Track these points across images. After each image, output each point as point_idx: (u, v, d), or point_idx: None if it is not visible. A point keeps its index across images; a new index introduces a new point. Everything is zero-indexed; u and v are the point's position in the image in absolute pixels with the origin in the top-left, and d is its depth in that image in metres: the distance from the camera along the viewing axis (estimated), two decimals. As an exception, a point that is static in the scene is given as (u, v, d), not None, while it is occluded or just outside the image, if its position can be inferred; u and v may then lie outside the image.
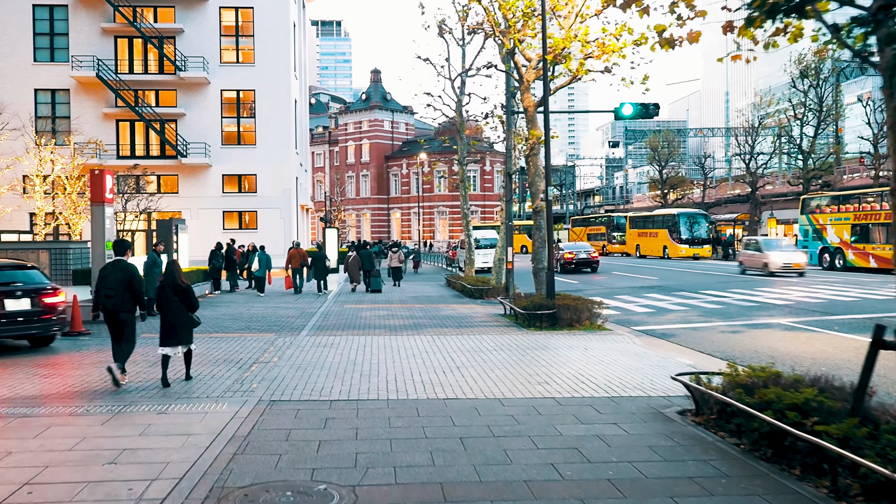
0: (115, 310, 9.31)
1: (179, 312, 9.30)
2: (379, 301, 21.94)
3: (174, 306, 9.28)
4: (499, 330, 14.92)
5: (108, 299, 9.30)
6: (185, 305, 9.34)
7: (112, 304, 9.29)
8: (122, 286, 9.27)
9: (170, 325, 9.30)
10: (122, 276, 9.31)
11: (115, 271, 9.38)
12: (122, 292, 9.27)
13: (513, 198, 23.41)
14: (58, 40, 41.22)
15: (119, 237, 11.94)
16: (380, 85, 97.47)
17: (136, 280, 9.39)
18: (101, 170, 15.90)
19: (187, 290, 9.38)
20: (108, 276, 9.38)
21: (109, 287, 9.30)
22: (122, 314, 9.32)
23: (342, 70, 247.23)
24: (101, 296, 9.36)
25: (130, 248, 9.79)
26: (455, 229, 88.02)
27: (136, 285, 9.38)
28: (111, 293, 9.28)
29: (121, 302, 9.28)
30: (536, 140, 17.12)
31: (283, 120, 42.56)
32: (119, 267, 9.41)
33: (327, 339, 13.41)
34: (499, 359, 11.33)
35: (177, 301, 9.28)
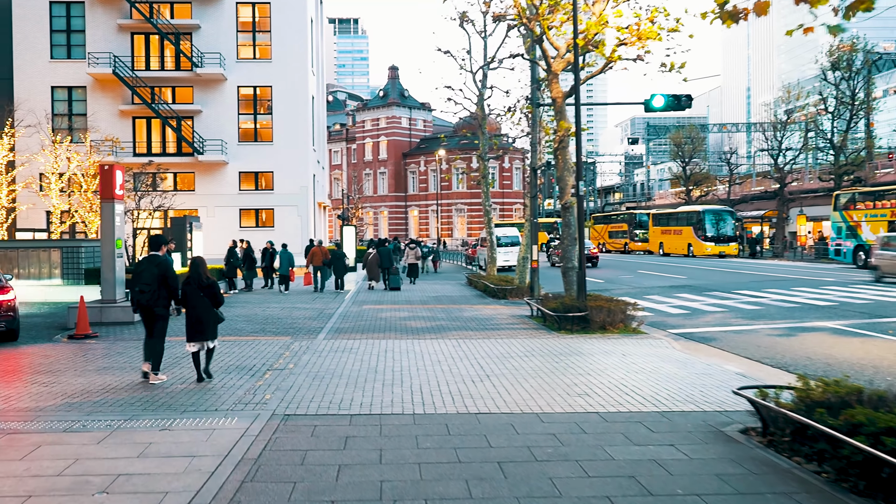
0: (149, 305, 9.35)
1: (205, 308, 9.30)
2: (399, 301, 21.16)
3: (200, 302, 9.28)
4: (527, 333, 14.08)
5: (142, 294, 9.33)
6: (210, 301, 9.33)
7: (146, 299, 9.33)
8: (156, 281, 9.32)
9: (196, 322, 9.28)
10: (157, 272, 9.35)
11: (150, 266, 9.41)
12: (157, 288, 9.32)
13: (537, 194, 22.54)
14: (74, 37, 40.80)
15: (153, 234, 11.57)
16: (397, 82, 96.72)
17: (170, 275, 9.43)
18: (110, 165, 15.22)
19: (213, 286, 9.41)
20: (142, 272, 9.43)
21: (144, 282, 9.35)
22: (156, 309, 9.37)
23: (359, 68, 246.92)
24: (135, 291, 9.40)
25: (166, 243, 9.83)
26: (474, 227, 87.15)
27: (170, 280, 9.41)
28: (145, 288, 9.33)
29: (155, 297, 9.33)
30: (566, 132, 16.26)
31: (300, 116, 41.91)
32: (153, 262, 9.43)
33: (346, 344, 12.63)
34: (531, 366, 10.49)
35: (202, 297, 9.29)
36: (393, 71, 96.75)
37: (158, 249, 9.65)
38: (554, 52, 17.09)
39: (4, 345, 12.72)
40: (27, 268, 20.93)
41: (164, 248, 9.75)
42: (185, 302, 9.41)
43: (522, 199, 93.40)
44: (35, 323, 15.95)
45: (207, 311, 9.32)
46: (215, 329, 9.48)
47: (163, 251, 9.70)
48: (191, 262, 9.57)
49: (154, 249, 9.66)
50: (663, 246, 54.75)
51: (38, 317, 17.25)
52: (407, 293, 24.08)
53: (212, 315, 9.36)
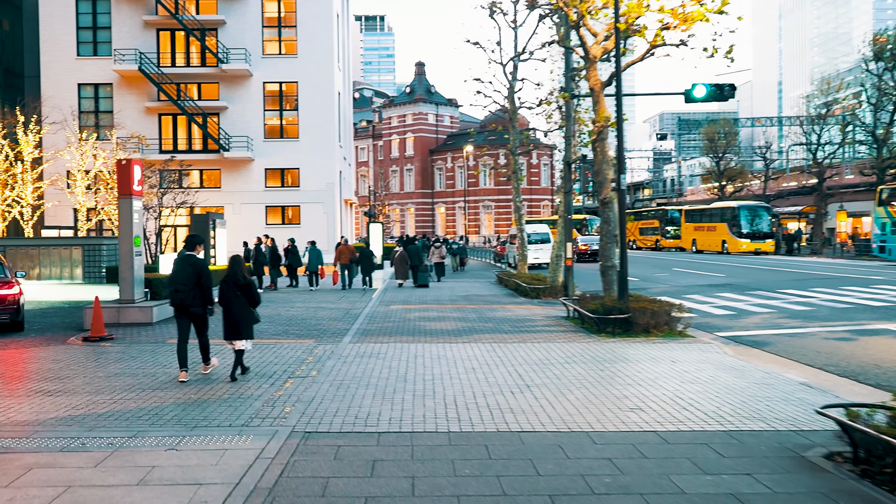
0: (184, 304, 9.33)
1: (242, 307, 9.28)
2: (428, 301, 20.36)
3: (236, 301, 9.28)
4: (565, 336, 13.21)
5: (178, 293, 9.32)
6: (246, 300, 9.32)
7: (181, 298, 9.31)
8: (191, 281, 9.27)
9: (233, 320, 9.25)
10: (192, 271, 9.30)
11: (185, 266, 9.37)
12: (192, 287, 9.27)
13: (572, 189, 21.63)
14: (101, 34, 40.56)
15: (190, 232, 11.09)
16: (424, 78, 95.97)
17: (204, 275, 9.36)
18: (127, 160, 14.59)
19: (249, 284, 9.38)
20: (178, 271, 9.40)
21: (179, 282, 9.32)
22: (192, 308, 9.34)
23: (385, 65, 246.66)
24: (171, 290, 9.40)
25: (201, 243, 9.80)
26: (501, 224, 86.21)
27: (204, 280, 9.34)
28: (181, 288, 9.30)
29: (191, 297, 9.29)
30: (605, 123, 15.34)
31: (326, 112, 41.32)
32: (189, 262, 9.39)
33: (373, 348, 11.86)
34: (574, 374, 9.64)
35: (239, 296, 9.28)
36: (419, 67, 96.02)
37: (193, 249, 9.59)
38: (591, 38, 16.17)
39: (15, 345, 12.13)
40: (49, 266, 20.46)
41: (200, 248, 9.70)
42: (222, 300, 9.36)
43: (550, 196, 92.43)
44: (52, 323, 15.39)
45: (244, 311, 9.30)
46: (250, 328, 9.42)
47: (198, 251, 9.64)
48: (228, 261, 9.53)
49: (189, 249, 9.59)
50: (696, 243, 53.45)
51: (55, 316, 16.71)
52: (435, 292, 23.30)
53: (248, 314, 9.33)
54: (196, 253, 9.60)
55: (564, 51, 21.00)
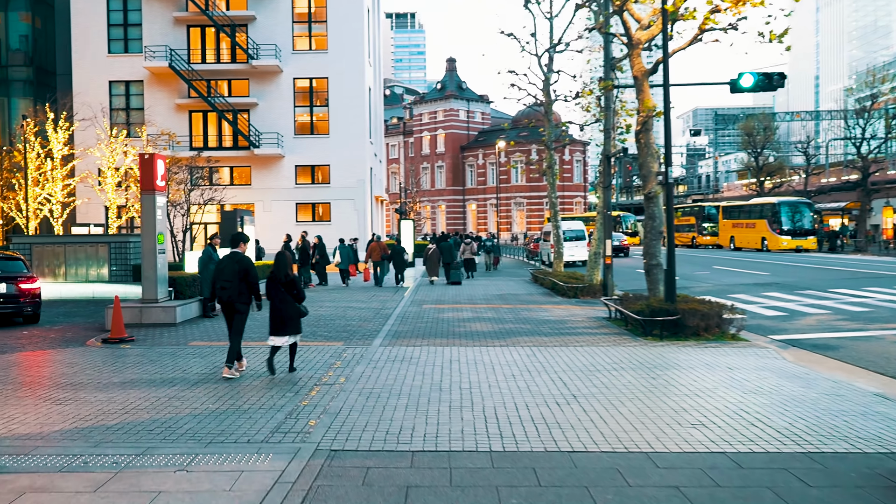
0: (230, 301, 9.42)
1: (288, 303, 9.31)
2: (461, 300, 19.63)
3: (282, 298, 9.30)
4: (609, 339, 12.40)
5: (223, 290, 9.41)
6: (292, 296, 9.34)
7: (227, 295, 9.41)
8: (236, 278, 9.37)
9: (280, 317, 9.30)
10: (238, 268, 9.38)
11: (231, 263, 9.45)
12: (238, 284, 9.37)
13: (611, 184, 20.76)
14: (131, 31, 40.41)
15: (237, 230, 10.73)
16: (455, 74, 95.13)
17: (250, 272, 9.43)
18: (150, 154, 14.06)
19: (294, 281, 9.42)
20: (224, 268, 9.48)
21: (225, 279, 9.41)
22: (237, 304, 9.42)
23: (416, 62, 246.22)
24: (217, 287, 9.50)
25: (244, 240, 9.85)
26: (533, 221, 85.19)
27: (250, 277, 9.42)
28: (226, 285, 9.39)
29: (236, 293, 9.39)
30: (650, 112, 14.48)
31: (356, 108, 40.76)
32: (234, 259, 9.48)
33: (405, 352, 11.15)
34: (624, 383, 8.85)
35: (284, 292, 9.31)
36: (450, 63, 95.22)
37: (238, 246, 9.66)
38: (635, 24, 15.32)
39: (33, 346, 11.64)
40: (75, 264, 20.06)
41: (244, 246, 9.73)
42: (269, 297, 9.41)
43: (583, 193, 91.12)
44: (74, 323, 14.94)
45: (290, 306, 9.31)
46: (298, 324, 9.45)
47: (242, 248, 9.68)
48: (275, 258, 9.55)
49: (234, 246, 9.67)
50: (734, 240, 52.10)
51: (79, 316, 16.28)
52: (469, 291, 22.56)
53: (294, 310, 9.34)
54: (240, 250, 9.64)
55: (604, 40, 20.13)
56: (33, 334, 13.48)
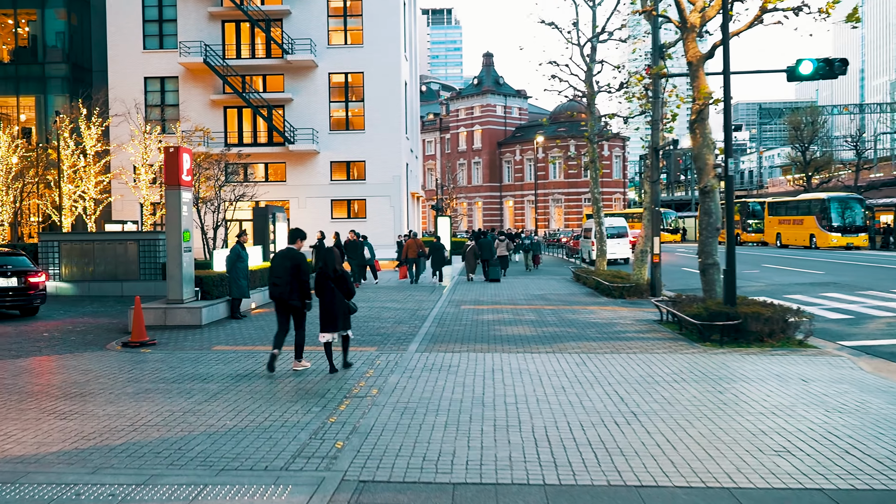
0: (282, 297, 9.42)
1: (336, 299, 9.25)
2: (501, 300, 18.73)
3: (330, 293, 9.26)
4: (664, 345, 11.42)
5: (276, 287, 9.44)
6: (342, 292, 9.30)
7: (279, 291, 9.41)
8: (289, 274, 9.34)
9: (330, 312, 9.26)
10: (290, 265, 9.37)
11: (284, 260, 9.45)
12: (290, 280, 9.35)
13: (659, 178, 19.69)
14: (167, 27, 40.14)
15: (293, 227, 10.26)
16: (492, 69, 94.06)
17: (303, 269, 9.42)
18: (175, 147, 13.40)
19: (343, 277, 9.37)
20: (277, 265, 9.49)
21: (277, 275, 9.43)
22: (290, 301, 9.41)
23: (453, 58, 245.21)
24: (270, 283, 9.57)
25: (302, 237, 9.78)
26: (571, 218, 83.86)
27: (302, 274, 9.39)
28: (279, 281, 9.41)
29: (288, 290, 9.37)
30: (706, 100, 13.43)
31: (392, 103, 40.03)
32: (288, 255, 9.49)
33: (443, 359, 10.29)
34: (688, 398, 7.90)
35: (333, 288, 9.25)
36: (487, 58, 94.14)
37: (294, 243, 9.67)
38: (689, 6, 14.27)
39: (49, 350, 11.02)
40: (104, 262, 19.58)
41: (300, 242, 9.72)
42: (318, 293, 9.37)
43: (622, 189, 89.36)
44: (97, 325, 14.34)
45: (339, 302, 9.28)
46: (347, 320, 9.43)
47: (298, 245, 9.67)
48: (325, 253, 9.51)
49: (290, 243, 9.69)
50: (780, 237, 50.43)
51: (105, 316, 15.72)
52: (508, 290, 21.64)
53: (342, 306, 9.31)
54: (296, 247, 9.62)
55: (651, 25, 19.10)
56: (54, 336, 12.90)
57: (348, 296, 9.42)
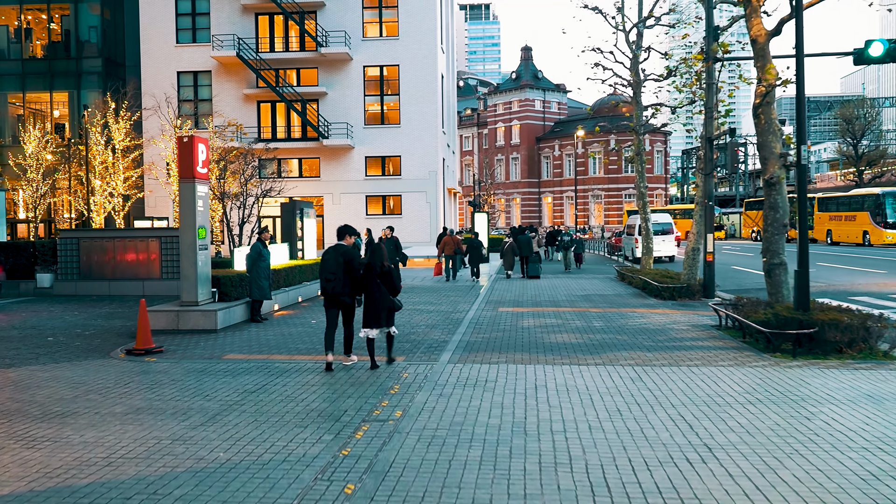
0: (335, 293, 9.38)
1: (381, 296, 9.24)
2: (542, 302, 17.47)
3: (376, 290, 9.25)
4: (728, 356, 10.09)
5: (328, 283, 9.37)
6: (387, 288, 9.26)
7: (332, 287, 9.36)
8: (340, 270, 9.31)
9: (374, 308, 9.22)
10: (342, 261, 9.32)
11: (335, 255, 9.39)
12: (342, 276, 9.31)
13: (713, 171, 18.26)
14: (199, 20, 39.51)
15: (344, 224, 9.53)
16: (531, 63, 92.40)
17: (354, 265, 9.38)
18: (190, 137, 12.41)
19: (390, 272, 9.31)
20: (329, 260, 9.42)
21: (329, 271, 9.36)
22: (342, 297, 9.40)
23: (491, 54, 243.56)
24: (321, 279, 9.49)
25: (351, 232, 9.70)
26: (611, 214, 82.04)
27: (354, 271, 9.37)
28: (331, 277, 9.34)
29: (340, 286, 9.34)
30: (773, 81, 12.06)
31: (428, 97, 38.89)
32: (339, 251, 9.42)
33: (478, 372, 9.10)
34: (770, 424, 6.62)
35: (379, 284, 9.22)
36: (526, 52, 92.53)
37: (343, 238, 9.60)
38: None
39: (47, 358, 10.08)
40: (124, 260, 18.76)
41: (350, 238, 9.61)
42: (364, 288, 9.36)
43: (664, 185, 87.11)
44: (107, 329, 13.41)
45: (383, 299, 9.24)
46: (392, 316, 9.43)
47: (347, 241, 9.57)
48: (373, 249, 9.46)
49: (340, 238, 9.62)
50: (831, 234, 48.27)
51: (119, 318, 14.81)
52: (550, 291, 20.37)
53: (387, 302, 9.27)
54: (346, 242, 9.55)
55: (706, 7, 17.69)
56: (59, 341, 11.99)
57: (393, 292, 9.34)
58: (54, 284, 19.25)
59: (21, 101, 40.29)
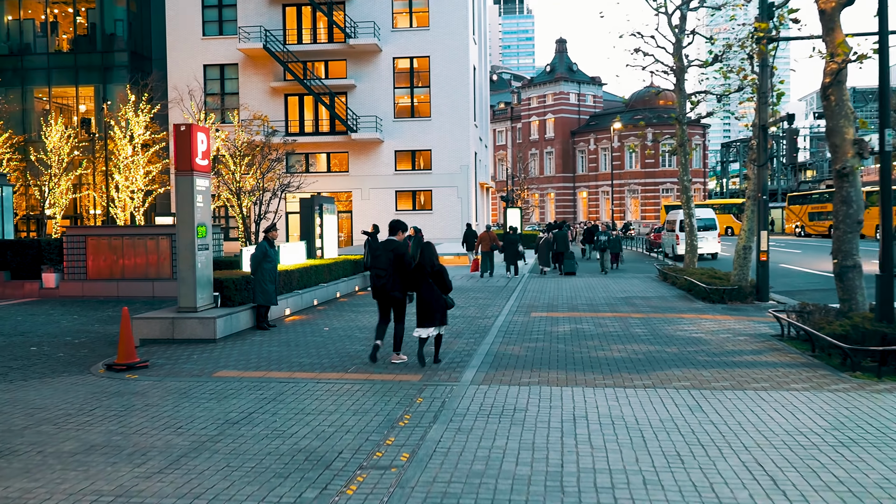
0: (385, 289, 9.29)
1: (433, 295, 9.14)
2: (579, 306, 16.01)
3: (428, 288, 9.16)
4: (799, 376, 8.59)
5: (379, 279, 9.30)
6: (439, 287, 9.18)
7: (382, 283, 9.28)
8: (392, 266, 9.25)
9: (428, 307, 9.12)
10: (393, 257, 9.26)
11: (386, 251, 9.33)
12: (393, 272, 9.25)
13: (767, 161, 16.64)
14: (226, 12, 38.56)
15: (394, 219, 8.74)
16: (565, 55, 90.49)
17: (406, 261, 9.31)
18: (188, 125, 11.21)
19: (441, 271, 9.20)
20: (380, 256, 9.36)
21: (380, 267, 9.30)
22: (392, 293, 9.31)
23: (525, 48, 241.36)
24: (372, 275, 9.44)
25: (402, 228, 9.62)
26: (648, 209, 79.96)
27: (405, 266, 9.30)
28: (381, 273, 9.29)
29: (391, 282, 9.27)
30: (846, 57, 10.50)
31: (460, 88, 37.49)
32: (390, 247, 9.35)
33: (506, 396, 7.71)
34: (877, 480, 5.16)
35: (430, 283, 9.15)
36: (560, 44, 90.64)
37: (395, 234, 9.53)
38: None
39: (18, 373, 8.93)
40: (134, 259, 17.72)
41: (401, 234, 9.55)
42: (415, 287, 9.26)
43: (703, 179, 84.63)
44: (102, 336, 12.27)
45: (436, 297, 9.15)
46: (444, 315, 9.28)
47: (399, 236, 9.52)
48: (423, 248, 9.29)
49: (392, 234, 9.55)
50: (891, 230, 45.88)
51: (117, 323, 13.70)
52: (587, 292, 18.90)
53: (440, 301, 9.17)
54: (398, 238, 9.48)
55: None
56: (43, 351, 10.86)
57: (445, 290, 9.20)
58: (60, 285, 18.25)
59: (47, 95, 39.75)
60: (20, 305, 16.92)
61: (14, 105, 38.36)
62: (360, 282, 19.73)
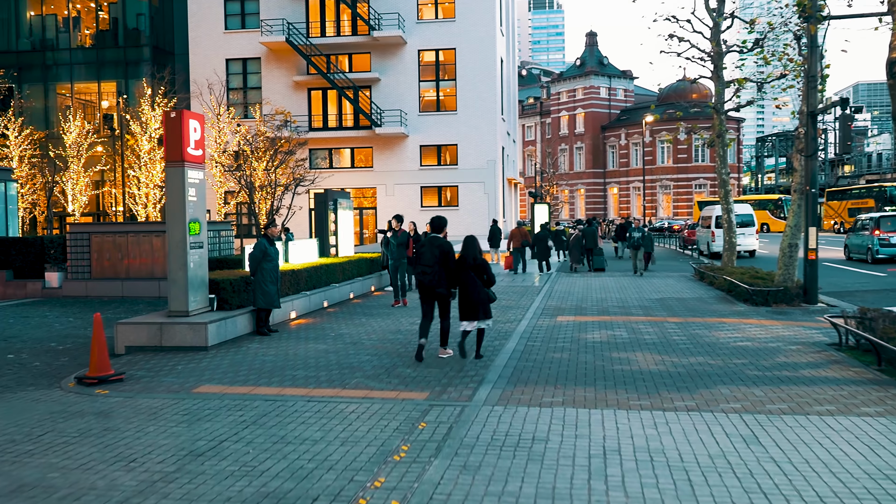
0: (431, 285, 9.24)
1: (476, 288, 9.11)
2: (609, 308, 14.81)
3: (471, 282, 9.13)
4: (870, 397, 7.36)
5: (424, 275, 9.25)
6: (482, 281, 9.15)
7: (428, 279, 9.24)
8: (436, 262, 9.18)
9: (470, 301, 9.08)
10: (437, 253, 9.20)
11: (431, 248, 9.28)
12: (438, 269, 9.20)
13: (816, 151, 15.31)
14: (248, 5, 37.83)
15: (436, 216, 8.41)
16: (595, 49, 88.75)
17: (450, 257, 9.26)
18: (178, 112, 10.23)
19: (483, 265, 9.18)
20: (424, 253, 9.34)
21: (425, 263, 9.26)
22: (437, 289, 9.26)
23: (554, 43, 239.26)
24: (417, 272, 9.41)
25: (445, 224, 9.61)
26: (680, 205, 78.04)
27: (450, 262, 9.25)
28: (427, 269, 9.23)
29: (437, 278, 9.22)
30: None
31: (487, 82, 36.32)
32: (434, 244, 9.31)
33: (524, 420, 6.57)
34: None
35: (473, 277, 9.13)
36: (591, 37, 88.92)
37: (440, 231, 9.52)
38: None
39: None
40: (138, 257, 16.87)
41: (446, 230, 9.54)
42: (458, 281, 9.24)
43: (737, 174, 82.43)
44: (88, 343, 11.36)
45: (479, 291, 9.12)
46: (488, 308, 9.24)
47: (444, 233, 9.51)
48: (465, 242, 9.30)
49: (436, 231, 9.53)
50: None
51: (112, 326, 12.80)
52: (619, 292, 17.69)
53: (483, 294, 9.14)
54: (441, 235, 9.47)
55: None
56: (21, 358, 9.95)
57: (488, 284, 9.20)
58: (63, 284, 17.47)
59: (69, 91, 39.32)
60: (19, 306, 16.15)
61: (36, 101, 37.95)
62: (376, 281, 18.68)
